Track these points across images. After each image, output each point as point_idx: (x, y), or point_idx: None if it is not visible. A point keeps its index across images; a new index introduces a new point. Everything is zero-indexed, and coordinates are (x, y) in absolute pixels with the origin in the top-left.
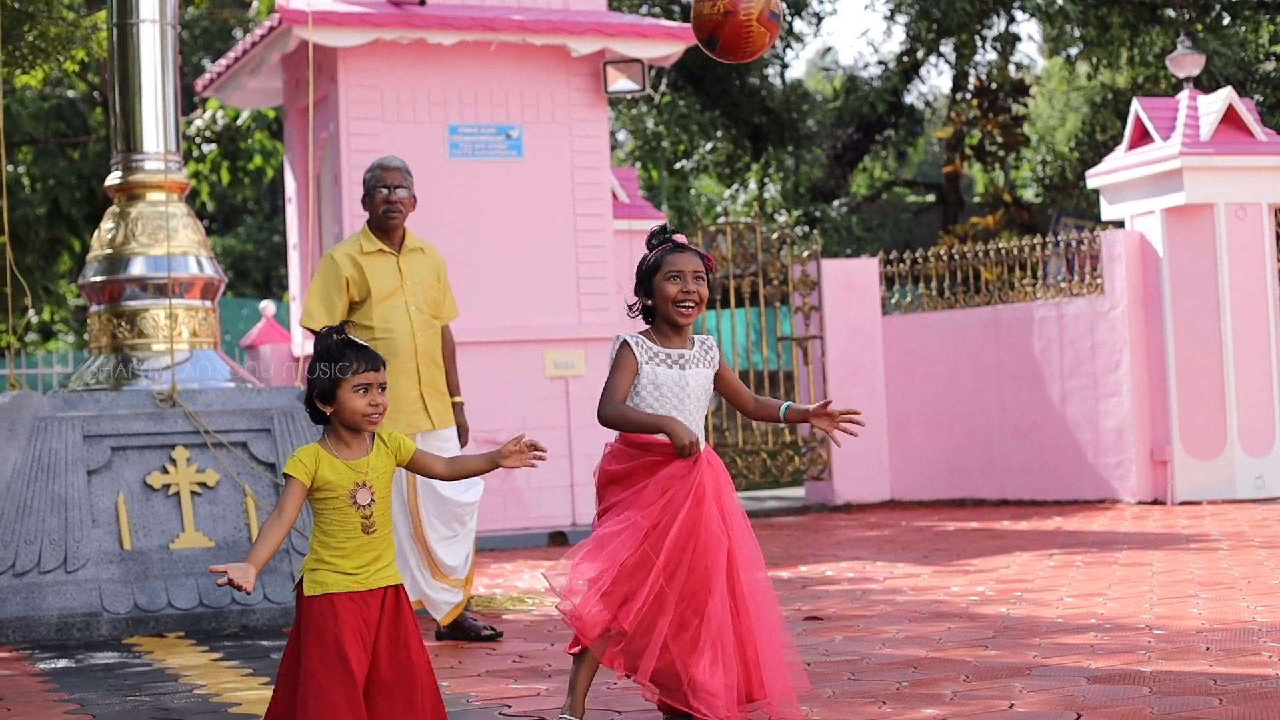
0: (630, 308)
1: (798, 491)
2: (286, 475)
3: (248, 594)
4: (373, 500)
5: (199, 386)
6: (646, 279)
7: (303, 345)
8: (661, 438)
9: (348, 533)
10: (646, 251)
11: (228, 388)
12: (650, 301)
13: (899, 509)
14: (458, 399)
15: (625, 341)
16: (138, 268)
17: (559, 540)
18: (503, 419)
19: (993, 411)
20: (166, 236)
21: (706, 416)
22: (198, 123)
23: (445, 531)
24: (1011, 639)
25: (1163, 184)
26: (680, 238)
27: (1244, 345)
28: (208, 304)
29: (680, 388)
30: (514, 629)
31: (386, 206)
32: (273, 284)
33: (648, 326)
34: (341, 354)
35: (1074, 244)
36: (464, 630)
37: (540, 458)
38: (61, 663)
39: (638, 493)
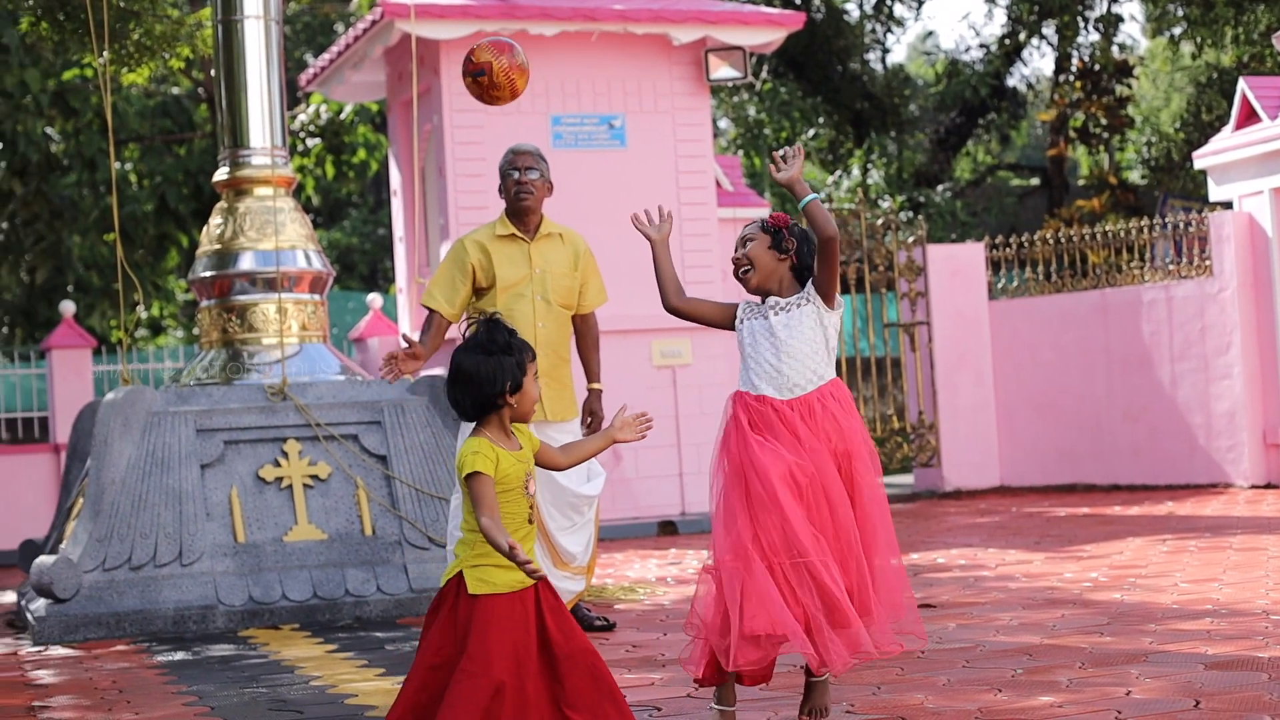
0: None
1: (907, 478)
2: (475, 474)
3: None
4: (537, 490)
5: (309, 380)
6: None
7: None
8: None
9: (516, 524)
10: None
11: (338, 380)
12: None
13: (1009, 495)
14: (596, 386)
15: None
16: (246, 262)
17: (668, 529)
18: (610, 409)
19: (1102, 396)
20: (274, 231)
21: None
22: (301, 118)
23: (564, 521)
24: (1126, 625)
25: (1271, 163)
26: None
27: None
28: (316, 297)
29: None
30: (626, 619)
31: (518, 189)
32: (378, 277)
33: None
34: (520, 346)
35: (1181, 226)
36: (577, 620)
37: (649, 425)
38: (178, 655)
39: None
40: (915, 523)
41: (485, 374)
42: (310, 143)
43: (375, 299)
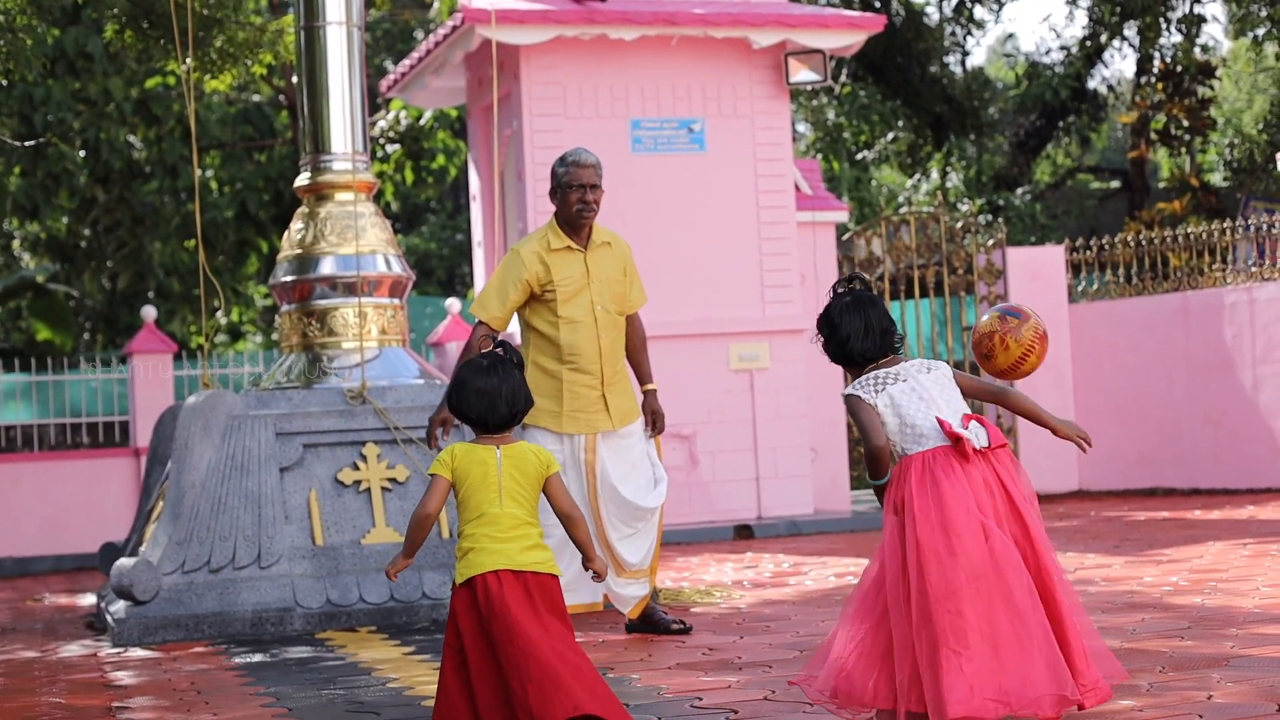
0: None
1: None
2: (559, 473)
3: None
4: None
5: (388, 383)
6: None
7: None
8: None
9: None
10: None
11: (416, 384)
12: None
13: (1088, 499)
14: (651, 386)
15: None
16: (327, 267)
17: (744, 533)
18: (688, 413)
19: (1182, 400)
20: (355, 235)
21: None
22: (381, 123)
23: (625, 530)
24: (1207, 629)
25: None
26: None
27: None
28: (396, 301)
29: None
30: (702, 621)
31: (581, 206)
32: (456, 282)
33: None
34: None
35: (1264, 227)
36: (654, 623)
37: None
38: (256, 657)
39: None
40: None
41: (510, 391)
42: (390, 148)
43: (453, 304)
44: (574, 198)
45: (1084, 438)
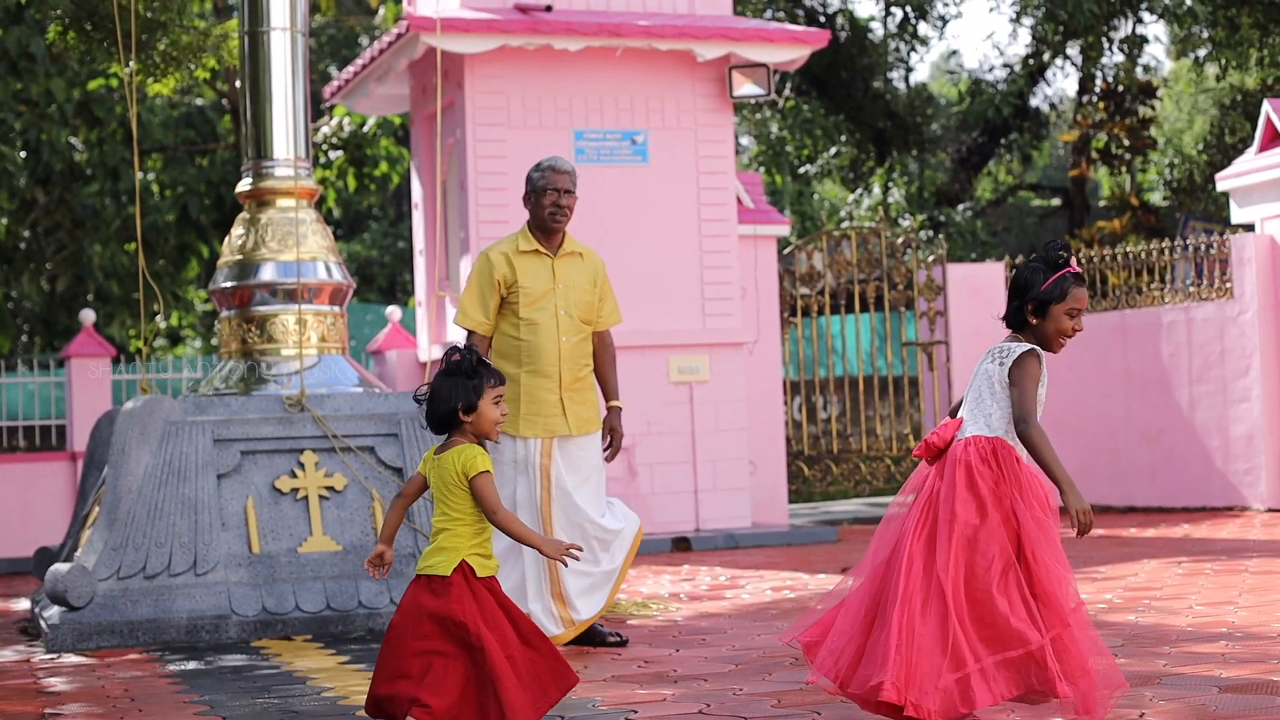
0: (1012, 316)
1: None
2: (484, 473)
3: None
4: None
5: (327, 391)
6: (1045, 302)
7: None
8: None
9: (487, 524)
10: (1044, 260)
11: (355, 393)
12: (1035, 320)
13: None
14: (615, 403)
15: (1036, 351)
16: (268, 273)
17: (682, 546)
18: (627, 425)
19: (1120, 417)
20: (296, 242)
21: (830, 419)
22: (324, 129)
23: (585, 561)
24: (1141, 647)
25: None
26: (1074, 264)
27: None
28: (336, 309)
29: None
30: (638, 634)
31: (554, 210)
32: (397, 290)
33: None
34: (479, 370)
35: (1202, 248)
36: (590, 636)
37: (575, 558)
38: (191, 664)
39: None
40: None
41: (443, 393)
42: (333, 155)
43: (394, 312)
44: (548, 201)
45: (1084, 525)
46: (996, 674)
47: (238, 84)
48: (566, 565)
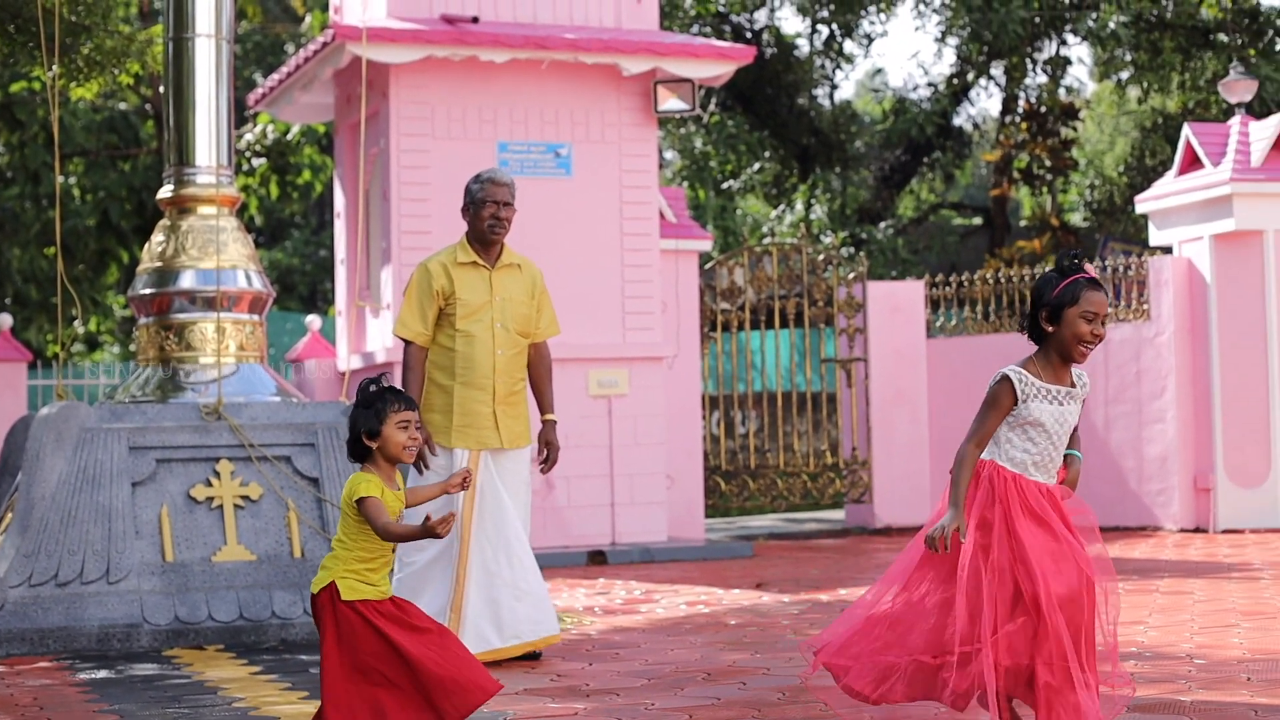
0: (1031, 327)
1: (838, 514)
2: (365, 498)
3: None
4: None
5: (245, 400)
6: (1058, 307)
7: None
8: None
9: (383, 550)
10: (1057, 269)
11: (273, 402)
12: (1050, 328)
13: None
14: (551, 417)
15: (1009, 378)
16: (187, 281)
17: (598, 559)
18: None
19: None
20: (216, 250)
21: (748, 435)
22: (248, 137)
23: (504, 570)
24: None
25: (1212, 210)
26: (1091, 270)
27: None
28: (255, 318)
29: (1060, 423)
30: (552, 648)
31: (493, 222)
32: (318, 298)
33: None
34: (383, 396)
35: (1121, 269)
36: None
37: (467, 479)
38: (102, 673)
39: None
40: (845, 559)
41: (350, 423)
42: (256, 162)
43: (314, 321)
44: (487, 213)
45: (933, 540)
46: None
47: (161, 89)
48: (467, 488)
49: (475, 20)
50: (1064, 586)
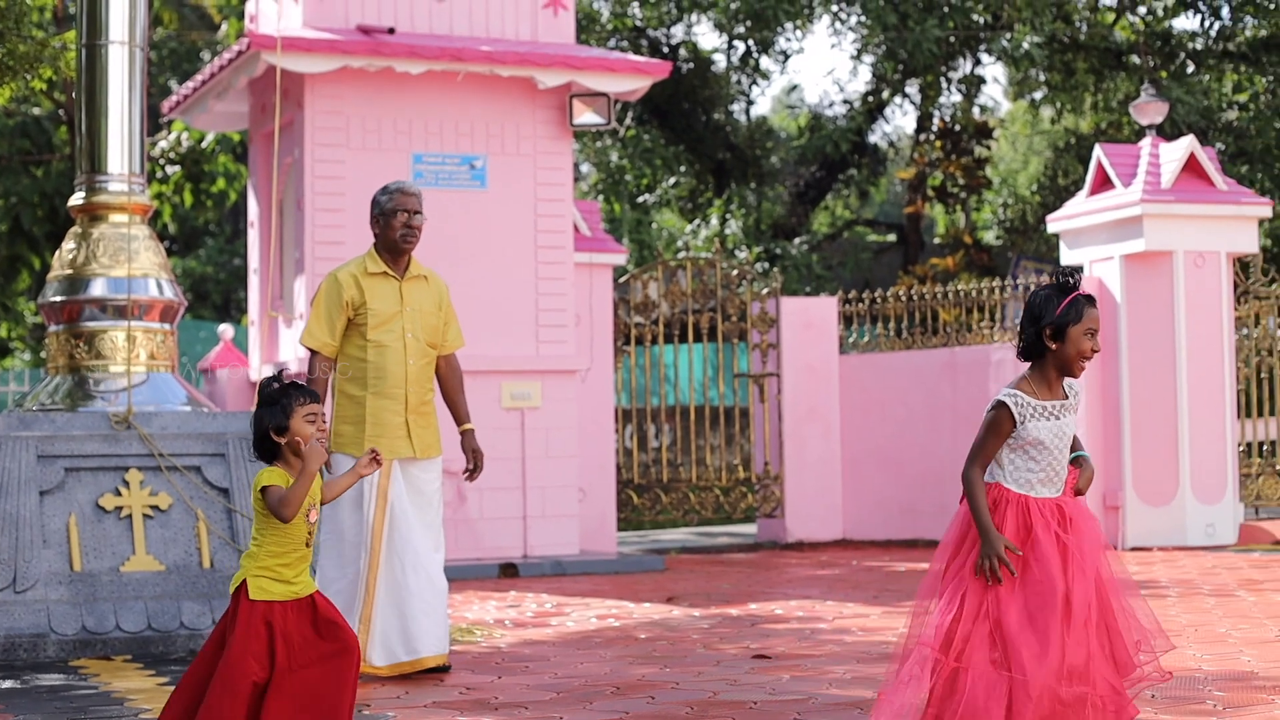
0: (1029, 345)
1: (750, 528)
2: (266, 487)
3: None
4: (318, 519)
5: (155, 409)
6: (1063, 325)
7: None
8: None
9: (294, 544)
10: (1052, 285)
11: (183, 411)
12: (1054, 345)
13: (851, 548)
14: (469, 426)
15: (1005, 404)
16: (98, 289)
17: (509, 572)
18: (457, 449)
19: (947, 453)
20: (127, 258)
21: (661, 448)
22: (162, 144)
23: (413, 583)
24: None
25: (1123, 230)
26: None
27: (1198, 392)
28: (166, 327)
29: (1059, 437)
30: (461, 660)
31: (405, 231)
32: (232, 307)
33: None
34: (286, 391)
35: (1032, 288)
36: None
37: (380, 463)
38: (7, 683)
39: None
40: (755, 573)
41: (255, 422)
42: (170, 170)
43: (226, 330)
44: (399, 222)
45: (986, 570)
46: None
47: (74, 96)
48: (380, 465)
49: (391, 31)
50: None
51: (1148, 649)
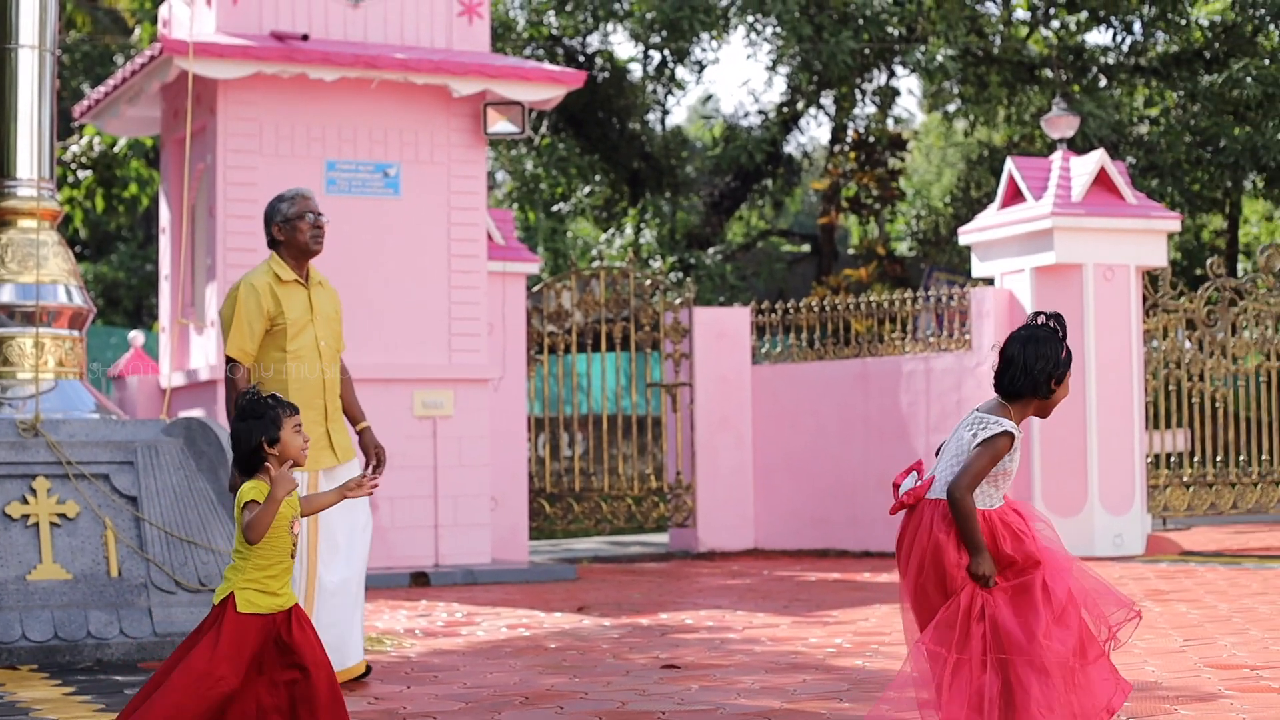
0: (1026, 385)
1: (661, 538)
2: (250, 502)
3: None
4: (299, 531)
5: (63, 417)
6: (1065, 371)
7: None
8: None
9: (280, 556)
10: (1050, 328)
11: (92, 419)
12: (1056, 387)
13: (762, 558)
14: (366, 424)
15: (1012, 435)
16: (6, 295)
17: (421, 581)
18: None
19: (858, 463)
20: (36, 264)
21: (574, 458)
22: (74, 148)
23: (337, 578)
24: (865, 692)
25: (1033, 243)
26: None
27: (1107, 404)
28: (75, 334)
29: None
30: (371, 670)
31: (315, 233)
32: (143, 313)
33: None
34: (272, 405)
35: (944, 299)
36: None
37: (375, 485)
38: None
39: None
40: (667, 583)
41: (243, 435)
42: (81, 174)
43: (137, 336)
44: (306, 225)
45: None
46: None
47: None
48: (371, 494)
49: (305, 38)
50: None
51: (1117, 622)
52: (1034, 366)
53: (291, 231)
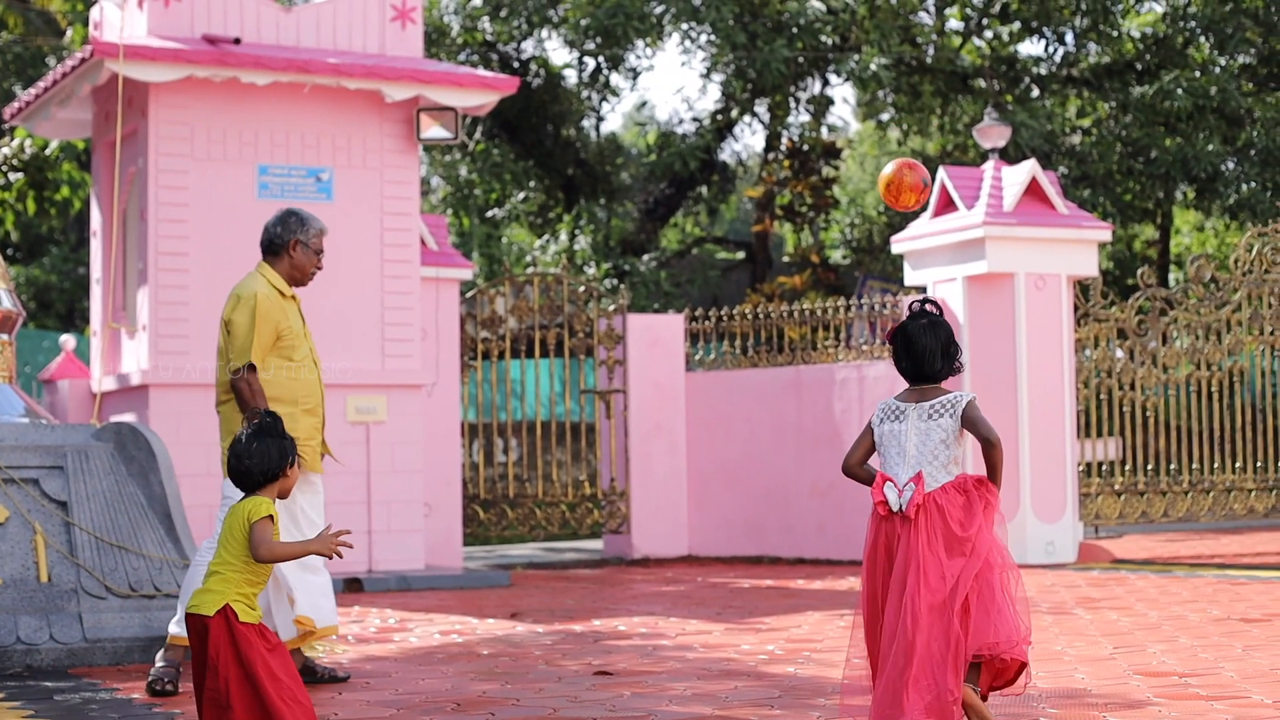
0: (945, 368)
1: (596, 544)
2: (266, 517)
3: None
4: None
5: None
6: (958, 349)
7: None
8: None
9: (265, 574)
10: (935, 316)
11: (21, 423)
12: (958, 366)
13: (696, 565)
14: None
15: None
16: None
17: (354, 586)
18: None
19: (792, 470)
20: None
21: (508, 464)
22: (4, 151)
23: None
24: (797, 699)
25: (965, 252)
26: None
27: (1039, 413)
28: (5, 337)
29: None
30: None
31: (316, 270)
32: (76, 316)
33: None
34: (280, 426)
35: (877, 307)
36: (310, 671)
37: (348, 545)
38: None
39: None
40: (601, 589)
41: (268, 452)
42: (13, 177)
43: (68, 340)
44: (315, 260)
45: None
46: None
47: None
48: (342, 556)
49: (237, 41)
50: None
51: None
52: (948, 349)
53: (305, 256)
